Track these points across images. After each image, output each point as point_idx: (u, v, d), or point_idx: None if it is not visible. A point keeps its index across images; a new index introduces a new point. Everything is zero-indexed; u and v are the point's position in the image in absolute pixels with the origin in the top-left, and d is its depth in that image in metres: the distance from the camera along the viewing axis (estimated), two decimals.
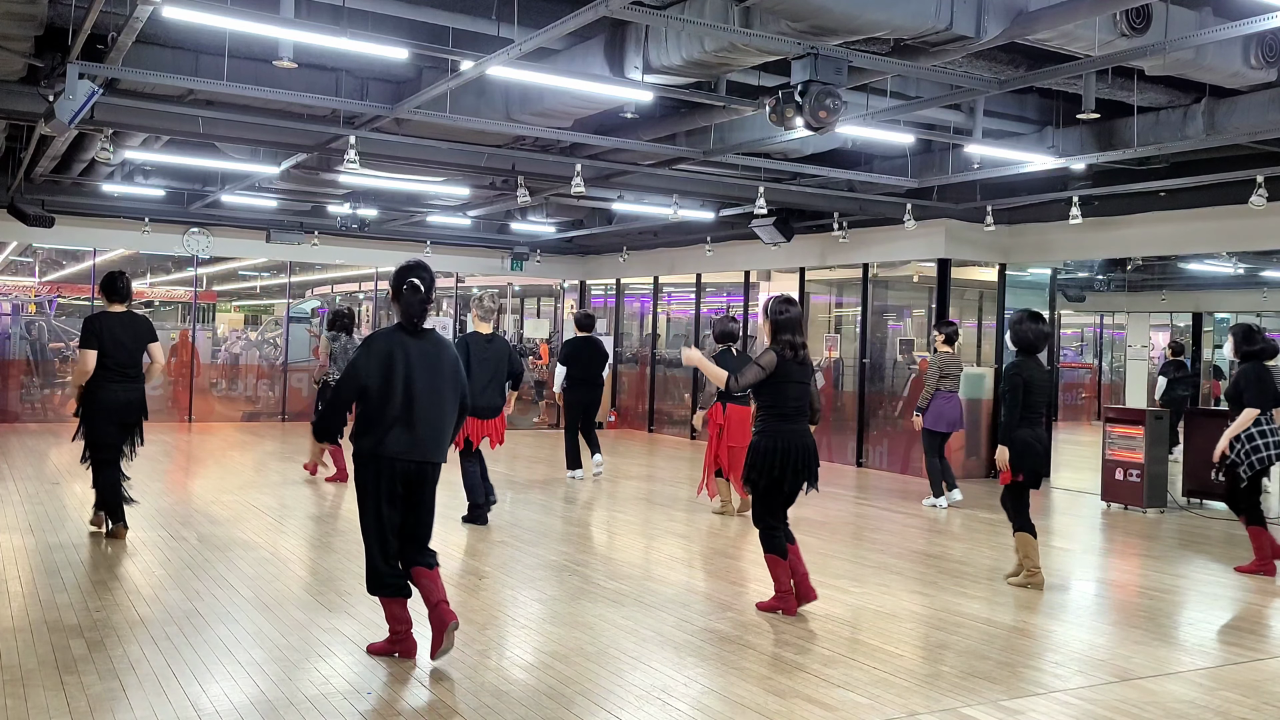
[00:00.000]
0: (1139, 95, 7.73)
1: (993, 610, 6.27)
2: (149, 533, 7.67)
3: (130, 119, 8.75)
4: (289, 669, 4.78)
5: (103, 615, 5.51)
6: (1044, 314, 7.26)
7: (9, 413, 15.43)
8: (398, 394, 4.76)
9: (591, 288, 19.91)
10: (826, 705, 4.51)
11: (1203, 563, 7.94)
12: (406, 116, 8.29)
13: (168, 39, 7.43)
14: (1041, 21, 5.79)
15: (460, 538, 8.05)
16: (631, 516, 9.37)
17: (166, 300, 21.48)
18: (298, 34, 6.13)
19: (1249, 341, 7.63)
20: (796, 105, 6.01)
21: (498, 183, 12.28)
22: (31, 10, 6.28)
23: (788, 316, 5.98)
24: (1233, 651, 5.68)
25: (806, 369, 6.01)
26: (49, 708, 4.18)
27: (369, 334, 5.20)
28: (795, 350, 5.91)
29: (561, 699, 4.49)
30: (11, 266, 21.14)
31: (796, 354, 5.91)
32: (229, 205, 14.57)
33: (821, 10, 5.45)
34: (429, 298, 4.89)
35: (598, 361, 11.54)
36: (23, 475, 10.22)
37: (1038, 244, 12.66)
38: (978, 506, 10.41)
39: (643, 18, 5.82)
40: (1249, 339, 7.65)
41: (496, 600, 6.13)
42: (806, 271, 14.67)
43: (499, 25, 6.81)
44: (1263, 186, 9.17)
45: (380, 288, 20.03)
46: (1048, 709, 4.58)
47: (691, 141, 9.83)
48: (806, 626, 5.78)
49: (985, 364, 13.23)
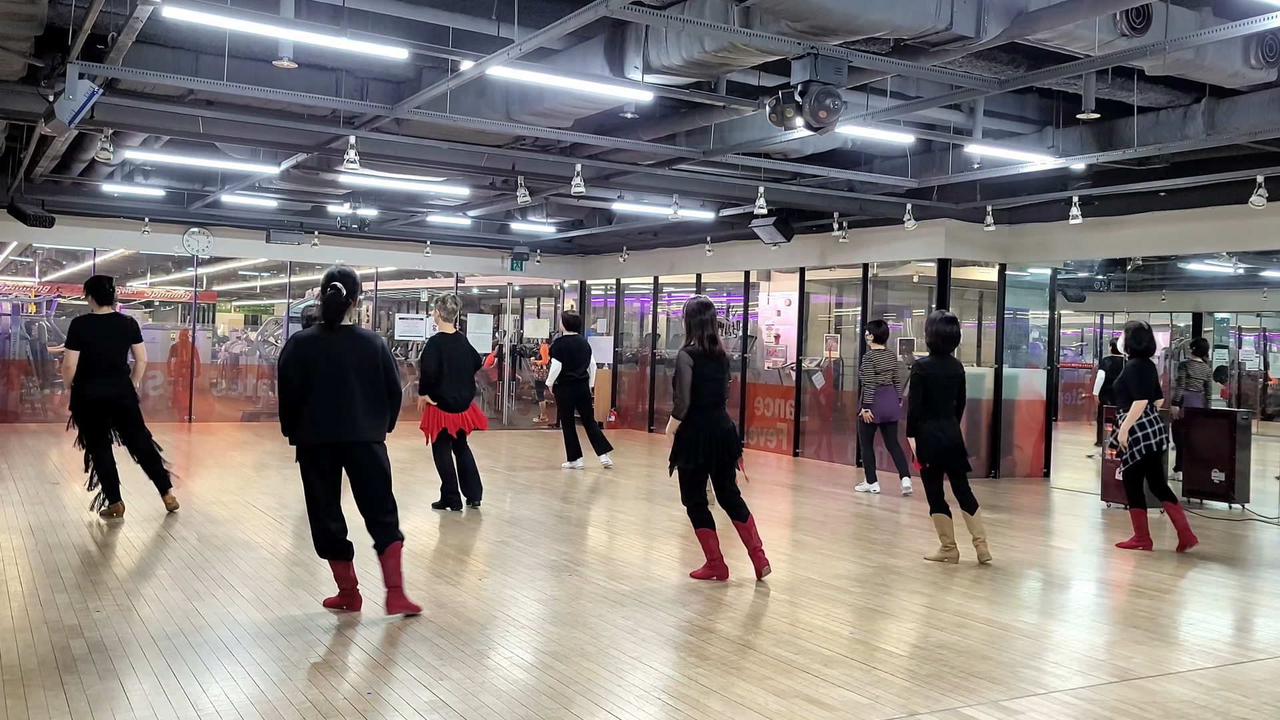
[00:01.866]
0: (1139, 95, 7.73)
1: (993, 610, 6.27)
2: (149, 533, 7.67)
3: (130, 119, 8.75)
4: (289, 669, 4.78)
5: (103, 615, 5.51)
6: (955, 316, 7.86)
7: (9, 413, 15.43)
8: (309, 386, 5.48)
9: (591, 288, 19.91)
10: (826, 705, 4.51)
11: (1203, 563, 7.94)
12: (406, 116, 8.29)
13: (168, 39, 7.43)
14: (1041, 21, 5.79)
15: (460, 537, 8.05)
16: (631, 516, 9.38)
17: (166, 300, 21.49)
18: (298, 34, 6.13)
19: (1138, 340, 8.16)
20: (796, 105, 6.01)
21: (498, 183, 12.28)
22: (31, 10, 6.28)
23: (699, 319, 6.59)
24: (1233, 651, 5.68)
25: (720, 364, 6.61)
26: (49, 708, 4.18)
27: (291, 336, 5.90)
28: (706, 347, 6.54)
29: (561, 699, 4.49)
30: (11, 266, 21.15)
31: (709, 351, 6.54)
32: (229, 205, 14.58)
33: (821, 10, 5.44)
34: (348, 300, 5.58)
35: (583, 357, 12.22)
36: (23, 475, 10.21)
37: (1038, 244, 12.66)
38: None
39: (643, 18, 5.82)
40: (1138, 337, 8.16)
41: (496, 600, 6.13)
42: (806, 271, 14.67)
43: (499, 25, 6.81)
44: (1263, 186, 9.17)
45: (380, 288, 20.06)
46: (1048, 709, 4.58)
47: (691, 141, 9.83)
48: (806, 626, 5.78)
49: (985, 364, 13.23)
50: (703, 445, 6.55)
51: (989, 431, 12.80)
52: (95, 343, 7.88)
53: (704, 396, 6.56)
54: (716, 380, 6.60)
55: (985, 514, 9.90)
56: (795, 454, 14.35)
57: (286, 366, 5.53)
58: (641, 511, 9.59)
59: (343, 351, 5.55)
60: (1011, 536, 8.73)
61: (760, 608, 6.17)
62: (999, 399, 12.80)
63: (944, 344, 7.50)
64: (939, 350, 7.52)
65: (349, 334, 5.63)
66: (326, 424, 5.51)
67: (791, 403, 14.49)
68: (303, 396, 5.49)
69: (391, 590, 5.64)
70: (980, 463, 12.79)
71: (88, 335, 7.87)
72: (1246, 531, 9.42)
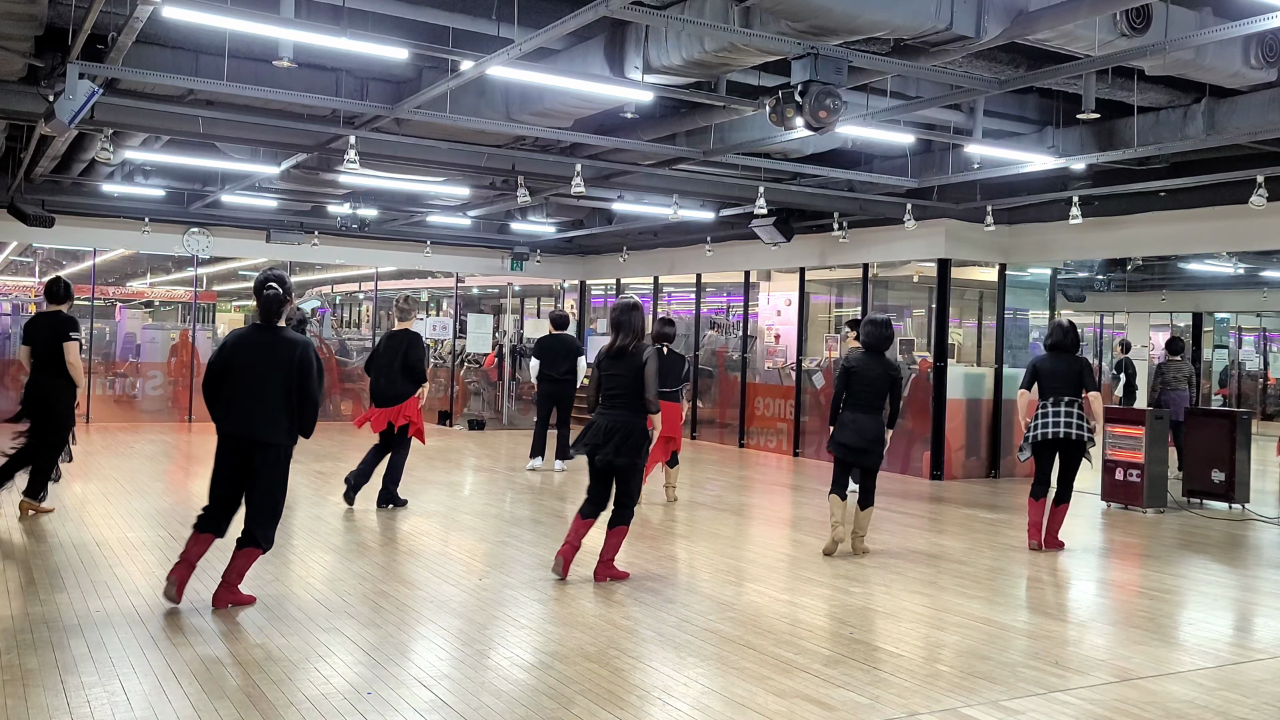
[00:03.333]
0: (1139, 95, 7.73)
1: (993, 610, 6.27)
2: (149, 533, 7.67)
3: (130, 119, 8.75)
4: (290, 669, 4.78)
5: (103, 615, 5.51)
6: (889, 319, 8.13)
7: (9, 413, 15.40)
8: (227, 378, 5.74)
9: (591, 288, 19.90)
10: (826, 705, 4.51)
11: (1203, 563, 7.94)
12: (406, 116, 8.29)
13: (168, 39, 7.43)
14: (1041, 21, 5.79)
15: (460, 538, 8.05)
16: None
17: (166, 300, 21.47)
18: (298, 34, 6.13)
19: (1051, 335, 8.44)
20: (796, 105, 6.01)
21: (498, 183, 12.28)
22: (31, 10, 6.28)
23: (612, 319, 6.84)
24: (1233, 651, 5.68)
25: (618, 361, 6.68)
26: (49, 708, 4.18)
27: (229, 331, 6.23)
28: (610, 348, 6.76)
29: (561, 699, 4.49)
30: (11, 266, 21.13)
31: (609, 348, 6.76)
32: (229, 205, 14.57)
33: (821, 10, 5.44)
34: (285, 299, 5.83)
35: (563, 358, 11.95)
36: (22, 475, 10.19)
37: (1038, 244, 12.66)
38: (978, 506, 10.41)
39: (643, 18, 5.82)
40: (1052, 333, 8.43)
41: (496, 600, 6.13)
42: (806, 271, 14.68)
43: (499, 25, 6.81)
44: (1263, 186, 9.17)
45: (381, 288, 20.05)
46: (1048, 709, 4.58)
47: (691, 141, 9.83)
48: (806, 626, 5.78)
49: (986, 364, 13.23)
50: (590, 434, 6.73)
51: (989, 431, 12.80)
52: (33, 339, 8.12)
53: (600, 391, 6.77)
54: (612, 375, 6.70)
55: (986, 513, 9.94)
56: (795, 454, 14.35)
57: (213, 358, 5.84)
58: (641, 511, 9.58)
59: (265, 351, 5.75)
60: (1011, 536, 8.73)
61: (760, 608, 6.17)
62: (999, 399, 12.80)
63: (874, 343, 7.75)
64: (870, 348, 7.77)
65: (276, 335, 5.80)
66: (235, 416, 5.73)
67: (791, 403, 14.49)
68: (221, 387, 5.76)
69: (223, 585, 5.79)
70: (980, 463, 12.80)
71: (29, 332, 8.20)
72: (1246, 531, 9.42)
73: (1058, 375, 8.08)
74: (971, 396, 12.71)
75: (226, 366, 5.74)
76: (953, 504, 10.50)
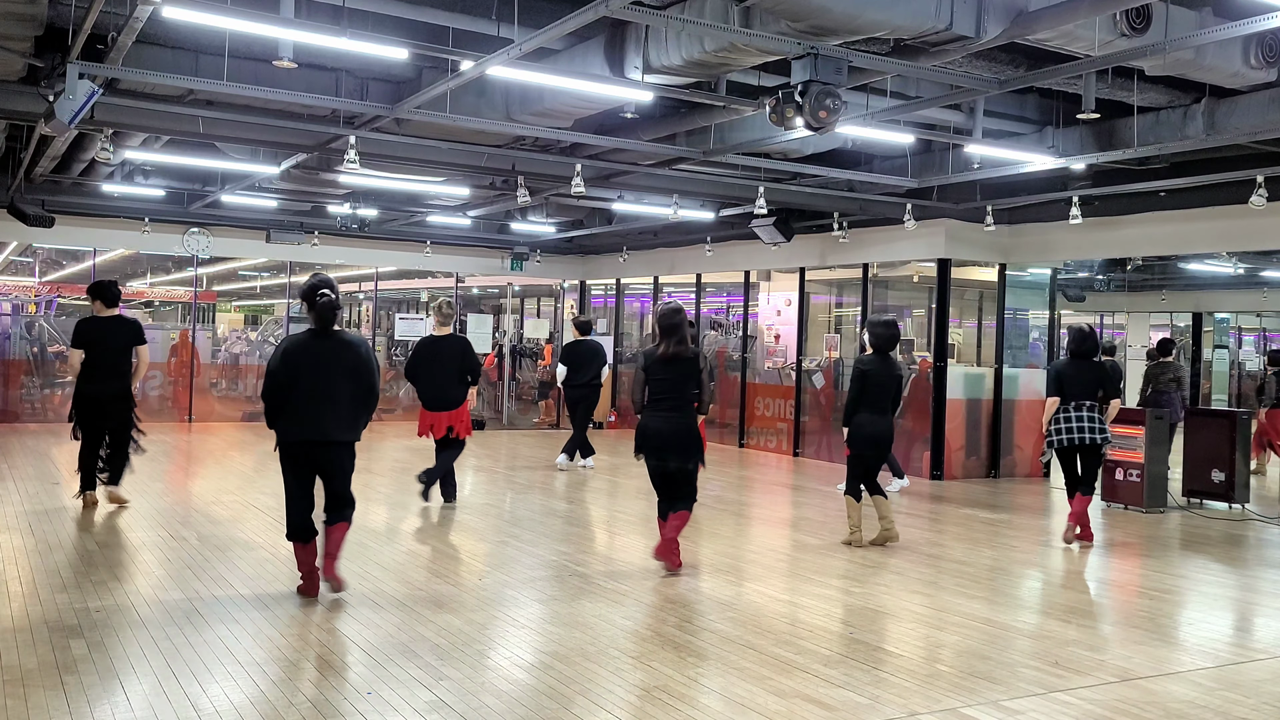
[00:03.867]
0: (1139, 95, 7.73)
1: (993, 610, 6.27)
2: (149, 533, 7.67)
3: (130, 119, 8.75)
4: (289, 669, 4.78)
5: (103, 615, 5.51)
6: (895, 320, 8.49)
7: (9, 413, 15.43)
8: (295, 388, 5.83)
9: (591, 288, 19.90)
10: (826, 705, 4.51)
11: (1203, 563, 7.94)
12: (406, 116, 8.29)
13: (168, 39, 7.43)
14: (1041, 21, 5.79)
15: (460, 537, 8.05)
16: (631, 516, 9.37)
17: (166, 300, 21.47)
18: (298, 34, 6.13)
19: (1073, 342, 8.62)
20: (796, 105, 6.01)
21: (498, 183, 12.28)
22: (31, 10, 6.28)
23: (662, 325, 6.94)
24: (1233, 651, 5.68)
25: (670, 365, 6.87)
26: (49, 708, 4.18)
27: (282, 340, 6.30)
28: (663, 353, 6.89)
29: (561, 699, 4.49)
30: (11, 266, 21.14)
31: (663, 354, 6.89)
32: (229, 205, 14.57)
33: (821, 10, 5.44)
34: (339, 305, 5.97)
35: (590, 364, 12.24)
36: (23, 475, 10.21)
37: (1038, 244, 12.66)
38: (978, 506, 10.41)
39: (643, 18, 5.82)
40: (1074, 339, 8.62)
41: (496, 600, 6.14)
42: (806, 271, 14.67)
43: (499, 25, 6.81)
44: (1263, 186, 9.17)
45: (381, 288, 20.05)
46: (1048, 709, 4.58)
47: (691, 141, 9.83)
48: (806, 626, 5.78)
49: (986, 364, 13.23)
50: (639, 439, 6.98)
51: (989, 431, 12.80)
52: (97, 343, 8.32)
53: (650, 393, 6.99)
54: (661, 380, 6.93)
55: (986, 513, 9.94)
56: (795, 454, 14.34)
57: (276, 370, 5.88)
58: (641, 511, 9.58)
59: (330, 358, 5.91)
60: (1011, 536, 8.74)
61: (760, 608, 6.17)
62: (999, 399, 12.80)
63: (884, 344, 7.96)
64: (879, 349, 7.95)
65: (337, 340, 5.98)
66: (307, 424, 5.86)
67: (791, 403, 14.49)
68: (287, 397, 5.86)
69: (327, 558, 6.02)
70: (980, 462, 12.80)
71: (91, 336, 8.34)
72: (1246, 531, 9.42)
73: (1078, 381, 8.41)
74: (971, 396, 12.70)
75: (293, 380, 5.84)
76: (953, 504, 10.49)
